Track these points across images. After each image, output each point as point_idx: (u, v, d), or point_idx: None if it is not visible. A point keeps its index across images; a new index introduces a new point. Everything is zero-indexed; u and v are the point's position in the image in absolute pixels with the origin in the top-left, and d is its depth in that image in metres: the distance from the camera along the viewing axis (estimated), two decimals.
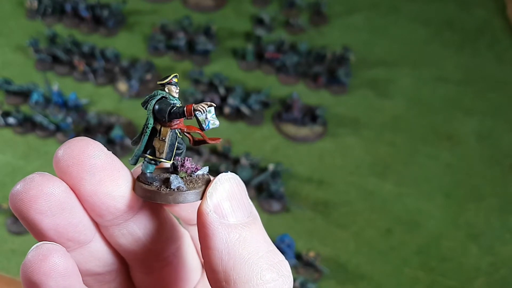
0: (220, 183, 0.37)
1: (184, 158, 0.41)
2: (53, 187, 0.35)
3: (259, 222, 0.37)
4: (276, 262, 0.36)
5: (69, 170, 0.36)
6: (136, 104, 1.88)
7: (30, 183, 0.35)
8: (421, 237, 1.56)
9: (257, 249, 0.35)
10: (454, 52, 2.10)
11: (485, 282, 1.46)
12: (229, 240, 0.35)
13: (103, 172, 0.36)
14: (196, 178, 0.40)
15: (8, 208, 1.52)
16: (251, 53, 2.01)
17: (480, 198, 1.65)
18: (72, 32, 2.09)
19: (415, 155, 1.76)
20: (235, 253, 0.34)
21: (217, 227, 0.35)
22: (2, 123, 1.77)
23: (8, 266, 1.46)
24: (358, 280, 1.47)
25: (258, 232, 0.37)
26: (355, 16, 2.24)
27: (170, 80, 0.39)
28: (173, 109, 0.39)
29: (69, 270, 0.35)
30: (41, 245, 0.35)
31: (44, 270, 0.34)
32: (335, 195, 1.65)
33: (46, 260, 0.34)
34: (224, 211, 0.36)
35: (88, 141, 0.36)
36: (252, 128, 1.83)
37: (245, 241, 0.35)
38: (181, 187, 0.38)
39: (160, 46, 2.04)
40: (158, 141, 0.40)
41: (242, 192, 0.38)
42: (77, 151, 0.36)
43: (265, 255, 0.35)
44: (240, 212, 0.36)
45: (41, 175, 0.35)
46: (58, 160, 0.36)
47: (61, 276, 0.34)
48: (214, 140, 0.42)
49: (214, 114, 0.40)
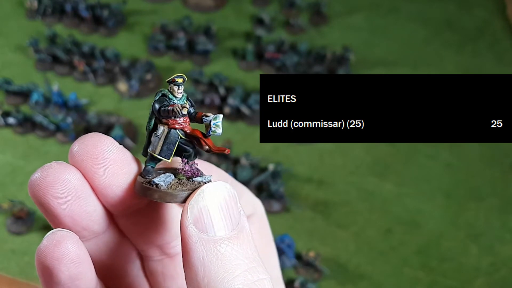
0: (203, 194, 0.36)
1: (192, 161, 0.41)
2: (69, 174, 0.37)
3: (245, 234, 0.36)
4: (254, 281, 0.34)
5: (83, 164, 0.37)
6: (136, 104, 1.88)
7: (48, 170, 0.37)
8: (421, 237, 1.56)
9: (235, 267, 0.34)
10: (454, 52, 2.10)
11: (485, 282, 1.46)
12: (206, 256, 0.34)
13: (116, 166, 0.38)
14: (191, 183, 0.39)
15: (8, 208, 1.52)
16: (251, 53, 2.01)
17: (480, 198, 1.65)
18: (72, 32, 2.09)
19: (415, 155, 1.76)
20: (210, 271, 0.33)
21: (195, 242, 0.34)
22: (2, 123, 1.77)
23: (8, 266, 1.46)
24: (358, 280, 1.47)
25: (241, 246, 0.35)
26: (355, 16, 2.24)
27: (173, 79, 0.40)
28: (162, 108, 0.40)
29: (81, 257, 0.36)
30: (56, 232, 0.36)
31: (57, 256, 0.35)
32: (335, 195, 1.65)
33: (59, 245, 0.35)
34: (205, 225, 0.35)
35: (101, 137, 0.38)
36: (252, 128, 1.83)
37: (223, 258, 0.34)
38: (160, 185, 0.38)
39: (160, 46, 2.04)
40: (154, 136, 0.41)
41: (230, 202, 0.36)
42: (91, 146, 0.37)
43: (242, 274, 0.34)
44: (222, 225, 0.35)
45: (59, 163, 0.37)
46: (73, 155, 0.37)
47: (72, 262, 0.36)
48: (220, 150, 0.40)
49: (219, 122, 0.39)
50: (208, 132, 0.40)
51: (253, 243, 0.36)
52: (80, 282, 0.37)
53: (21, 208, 1.51)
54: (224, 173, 0.47)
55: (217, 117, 0.40)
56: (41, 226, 1.54)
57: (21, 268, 1.45)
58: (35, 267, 0.36)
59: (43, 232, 1.49)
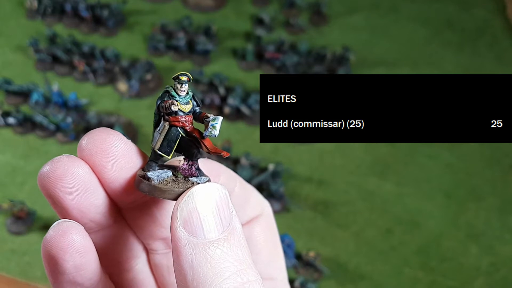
0: (193, 196, 0.36)
1: (195, 160, 0.41)
2: (78, 167, 0.37)
3: (236, 236, 0.36)
4: (243, 283, 0.34)
5: (92, 159, 0.38)
6: (136, 104, 1.88)
7: (57, 163, 0.37)
8: (421, 237, 1.56)
9: (224, 269, 0.34)
10: (454, 52, 2.10)
11: (485, 282, 1.46)
12: (195, 260, 0.34)
13: (124, 159, 0.39)
14: (186, 182, 0.39)
15: (8, 208, 1.52)
16: (251, 53, 2.01)
17: (480, 198, 1.66)
18: (72, 32, 2.09)
19: (415, 155, 1.76)
20: (199, 274, 0.33)
21: (184, 245, 0.34)
22: (2, 123, 1.77)
23: (8, 266, 1.46)
24: (358, 280, 1.47)
25: (231, 248, 0.35)
26: (355, 16, 2.24)
27: (176, 77, 0.40)
28: (161, 103, 0.40)
29: (86, 248, 0.37)
30: (62, 222, 0.37)
31: (62, 246, 0.36)
32: (335, 195, 1.65)
33: (65, 236, 0.36)
34: (194, 227, 0.35)
35: (109, 131, 0.39)
36: (252, 128, 1.83)
37: (212, 260, 0.34)
38: (152, 178, 0.39)
39: (160, 46, 2.04)
40: (155, 132, 0.41)
41: (221, 204, 0.36)
42: (99, 141, 0.38)
43: (231, 276, 0.34)
44: (212, 227, 0.35)
45: (68, 157, 0.38)
46: (82, 149, 0.38)
47: (77, 252, 0.36)
48: (217, 152, 0.40)
49: (217, 123, 0.39)
50: (205, 133, 0.40)
51: (244, 244, 0.36)
52: (84, 272, 0.37)
53: (21, 208, 1.51)
54: (233, 173, 0.46)
55: (216, 118, 0.40)
56: (41, 226, 1.54)
57: (21, 268, 1.45)
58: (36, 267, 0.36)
59: (43, 232, 1.49)
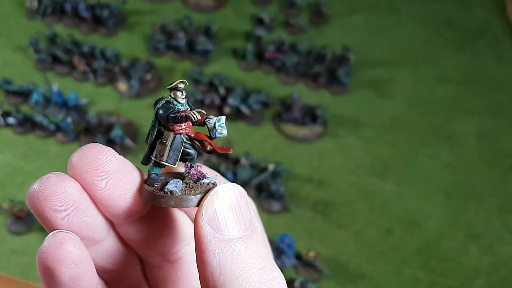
0: (217, 195, 0.36)
1: (195, 164, 0.41)
2: (67, 187, 0.37)
3: (257, 234, 0.37)
4: (269, 280, 0.34)
5: (83, 176, 0.37)
6: (136, 104, 1.88)
7: (46, 183, 0.36)
8: (421, 237, 1.56)
9: (250, 265, 0.34)
10: (454, 52, 2.10)
11: (485, 282, 1.46)
12: (221, 255, 0.34)
13: (116, 176, 0.38)
14: (200, 185, 0.39)
15: (8, 208, 1.52)
16: (251, 53, 2.01)
17: (480, 198, 1.66)
18: (72, 32, 2.09)
19: (415, 155, 1.76)
20: (226, 269, 0.34)
21: (210, 241, 0.35)
22: (2, 123, 1.77)
23: (8, 266, 1.46)
24: (358, 280, 1.47)
25: (254, 245, 0.36)
26: (355, 16, 2.24)
27: (176, 86, 0.40)
28: (171, 115, 0.39)
29: (82, 258, 0.37)
30: (57, 233, 0.36)
31: (58, 257, 0.35)
32: (335, 195, 1.65)
33: (61, 247, 0.36)
34: (219, 224, 0.35)
35: (100, 148, 0.38)
36: (252, 128, 1.83)
37: (238, 256, 0.34)
38: (174, 191, 0.38)
39: (160, 46, 2.04)
40: (160, 144, 0.40)
41: (242, 203, 0.37)
42: (90, 158, 0.37)
43: (257, 272, 0.34)
44: (236, 225, 0.36)
45: (57, 175, 0.37)
46: (73, 167, 0.37)
47: (74, 263, 0.36)
48: (225, 150, 0.41)
49: (223, 123, 0.40)
50: (214, 134, 0.40)
51: (266, 243, 0.37)
52: (81, 282, 0.37)
53: (21, 208, 1.51)
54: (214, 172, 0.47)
55: (221, 118, 0.40)
56: (41, 226, 1.53)
57: (21, 268, 1.45)
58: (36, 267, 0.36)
59: (43, 232, 1.50)
